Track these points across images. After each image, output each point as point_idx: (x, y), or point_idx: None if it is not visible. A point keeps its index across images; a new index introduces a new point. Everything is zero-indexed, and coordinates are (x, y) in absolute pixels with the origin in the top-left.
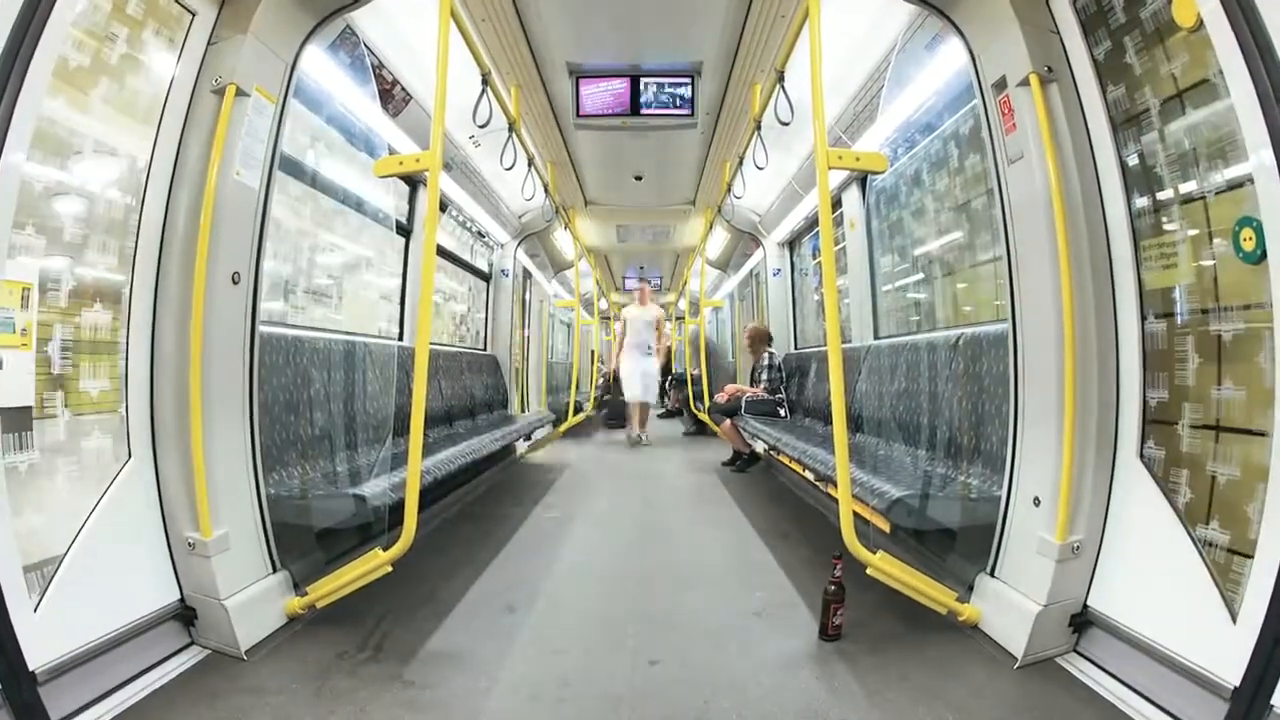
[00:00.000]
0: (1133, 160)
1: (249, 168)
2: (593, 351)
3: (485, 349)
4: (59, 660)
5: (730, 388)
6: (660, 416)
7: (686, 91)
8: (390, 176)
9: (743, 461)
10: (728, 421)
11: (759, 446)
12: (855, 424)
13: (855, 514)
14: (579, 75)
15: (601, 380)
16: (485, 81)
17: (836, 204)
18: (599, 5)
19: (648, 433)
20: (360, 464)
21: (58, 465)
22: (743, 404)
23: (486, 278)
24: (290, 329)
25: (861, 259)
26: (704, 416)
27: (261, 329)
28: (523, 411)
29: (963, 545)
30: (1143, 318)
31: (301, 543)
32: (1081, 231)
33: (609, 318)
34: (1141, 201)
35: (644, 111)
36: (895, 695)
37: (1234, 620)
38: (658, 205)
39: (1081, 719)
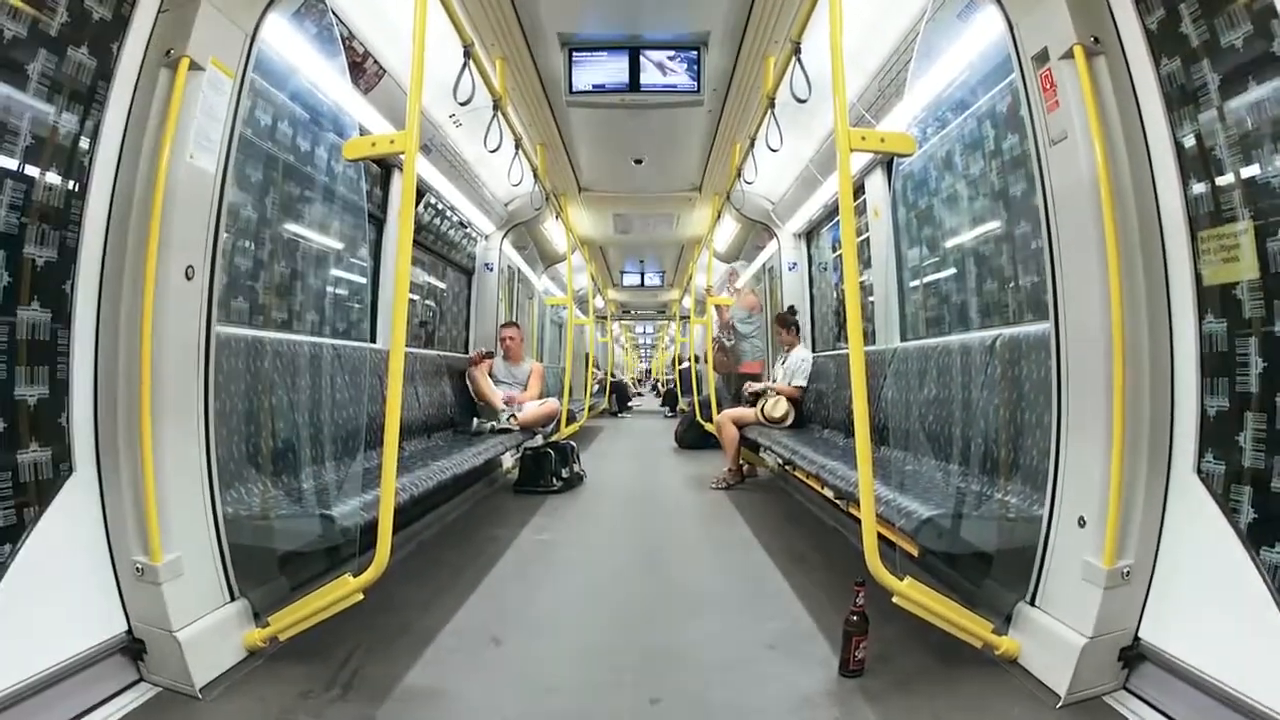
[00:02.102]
0: (1189, 141)
1: (204, 150)
2: (587, 355)
3: (467, 352)
4: None
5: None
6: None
7: (692, 65)
8: (362, 160)
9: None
10: (732, 429)
11: (771, 460)
12: (879, 435)
13: (880, 536)
14: (572, 47)
15: (597, 386)
16: (467, 54)
17: (858, 191)
18: None
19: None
20: (328, 480)
21: None
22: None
23: (469, 273)
24: (250, 330)
25: (886, 252)
26: (711, 427)
27: (219, 330)
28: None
29: (999, 571)
30: (1200, 317)
31: (263, 568)
32: (1131, 221)
33: (605, 317)
34: (1199, 188)
35: (644, 87)
36: None
37: None
38: (660, 192)
39: None
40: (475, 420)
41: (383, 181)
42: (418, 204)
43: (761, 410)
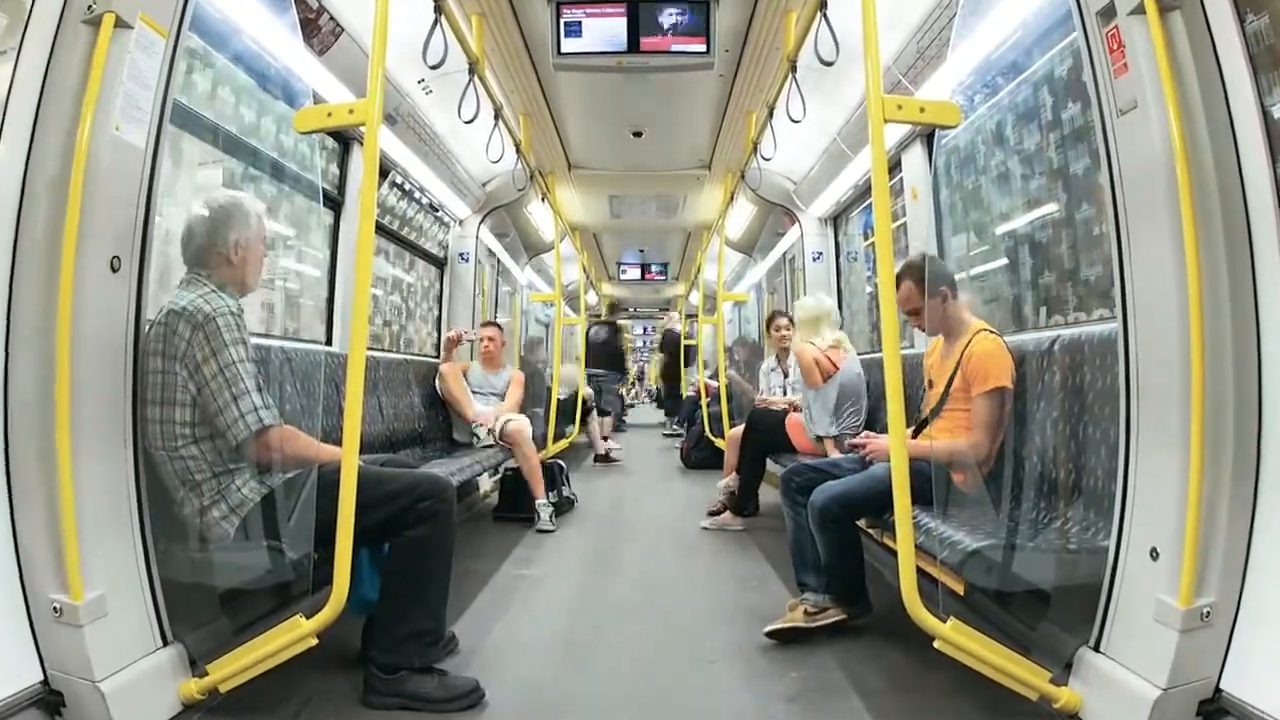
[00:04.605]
0: (1279, 110)
1: (132, 121)
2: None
3: (439, 355)
4: None
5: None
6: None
7: (700, 21)
8: (316, 132)
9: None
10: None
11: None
12: None
13: (919, 570)
14: (560, 1)
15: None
16: (439, 10)
17: (894, 168)
18: None
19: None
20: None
21: None
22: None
23: (440, 263)
24: None
25: (927, 239)
26: (721, 444)
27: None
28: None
29: (1058, 611)
30: None
31: (200, 608)
32: (1212, 202)
33: (599, 315)
34: None
35: (645, 47)
36: None
37: None
38: (663, 170)
39: None
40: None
41: (340, 157)
42: (381, 183)
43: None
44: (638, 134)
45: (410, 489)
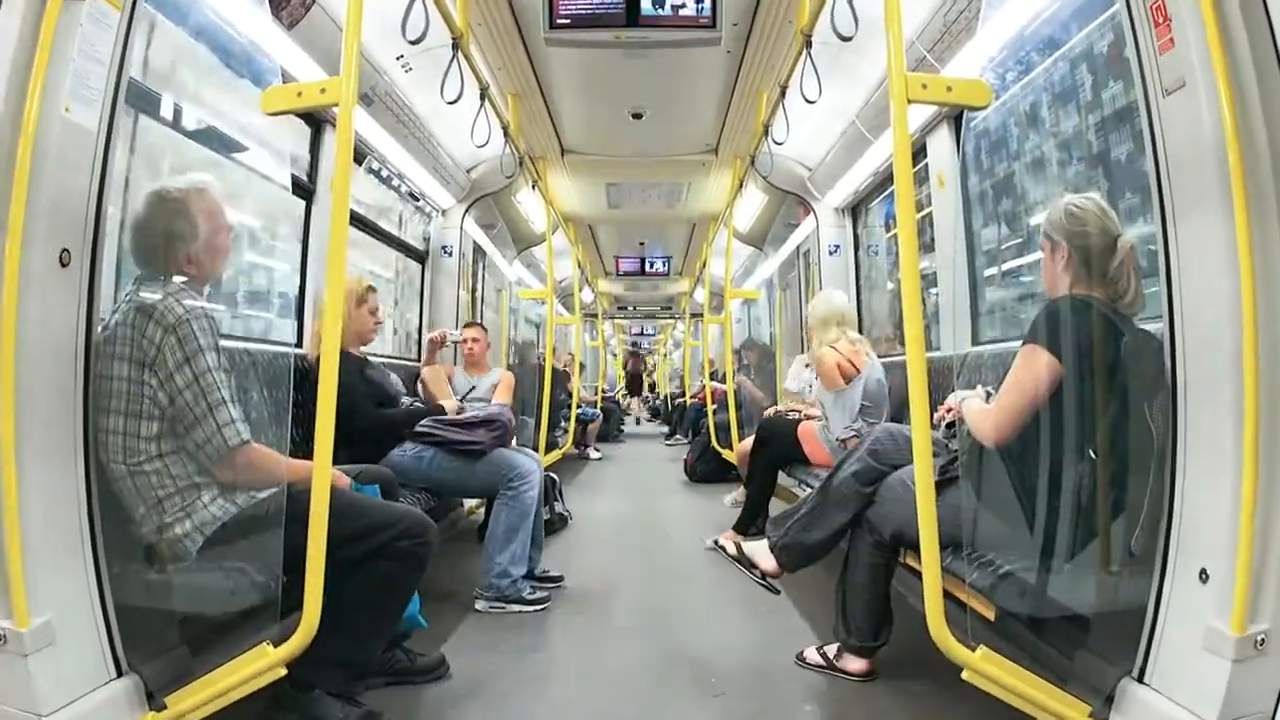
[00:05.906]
0: None
1: (83, 101)
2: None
3: (418, 358)
4: None
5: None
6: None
7: None
8: (285, 114)
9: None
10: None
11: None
12: None
13: (946, 594)
14: None
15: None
16: None
17: (918, 154)
18: None
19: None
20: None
21: None
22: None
23: (422, 257)
24: None
25: (954, 231)
26: (730, 455)
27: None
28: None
29: (1098, 638)
30: None
31: (158, 635)
32: (1267, 188)
33: (594, 314)
34: None
35: (646, 20)
36: None
37: None
38: (665, 155)
39: None
40: None
41: (311, 142)
42: (356, 169)
43: None
44: (637, 116)
45: (391, 524)
